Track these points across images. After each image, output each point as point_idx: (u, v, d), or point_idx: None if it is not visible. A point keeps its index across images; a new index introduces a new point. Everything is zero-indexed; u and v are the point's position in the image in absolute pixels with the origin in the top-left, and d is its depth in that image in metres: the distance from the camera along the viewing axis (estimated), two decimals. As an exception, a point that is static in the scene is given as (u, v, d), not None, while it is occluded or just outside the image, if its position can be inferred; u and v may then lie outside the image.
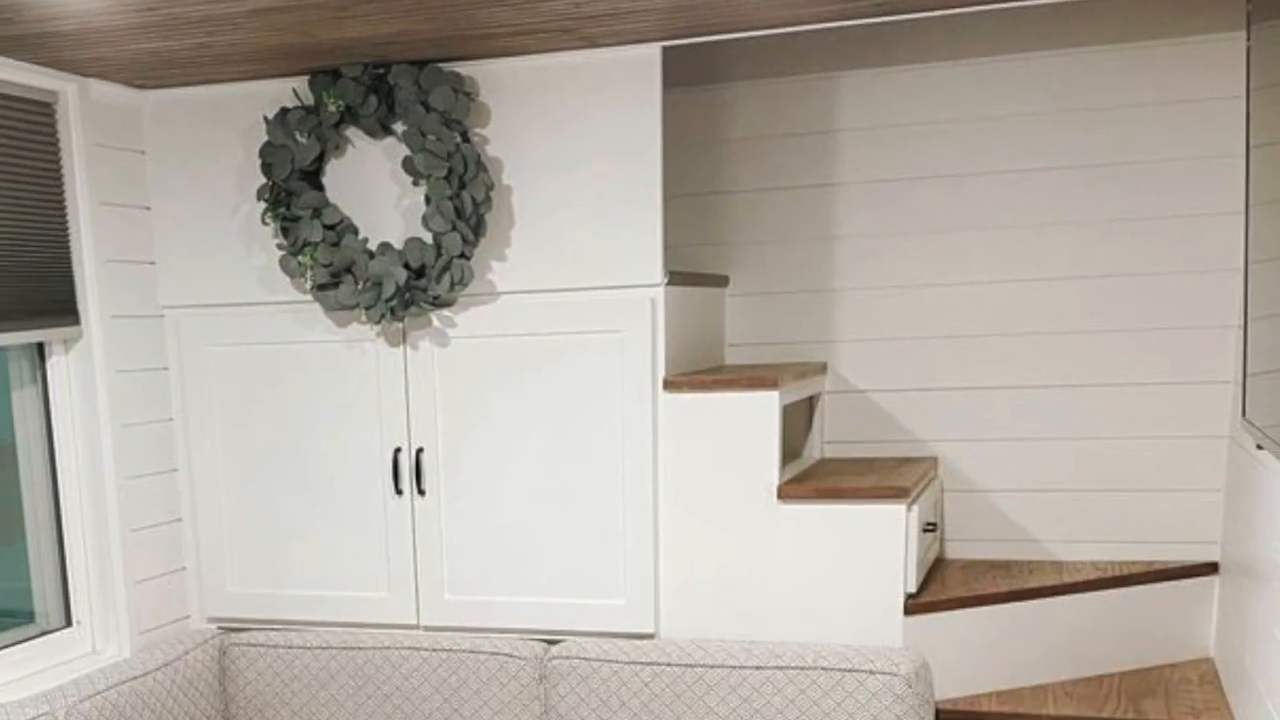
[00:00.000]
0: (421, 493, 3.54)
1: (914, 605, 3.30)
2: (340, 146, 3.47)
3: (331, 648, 3.60)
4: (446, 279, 3.36)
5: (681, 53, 3.33)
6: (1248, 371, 2.84)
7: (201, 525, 3.74)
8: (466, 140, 3.34)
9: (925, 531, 3.43)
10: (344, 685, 3.58)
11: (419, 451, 3.53)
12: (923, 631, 3.30)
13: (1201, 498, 3.58)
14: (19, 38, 2.99)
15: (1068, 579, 3.51)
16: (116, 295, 3.53)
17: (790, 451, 3.69)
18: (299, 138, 3.42)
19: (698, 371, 3.59)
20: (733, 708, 3.24)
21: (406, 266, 3.36)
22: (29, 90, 3.29)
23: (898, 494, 3.25)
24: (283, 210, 3.45)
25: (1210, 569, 3.55)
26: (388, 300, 3.37)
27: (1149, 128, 3.51)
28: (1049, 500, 3.72)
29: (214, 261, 3.64)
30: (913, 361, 3.79)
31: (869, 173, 3.76)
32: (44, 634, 3.48)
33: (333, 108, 3.36)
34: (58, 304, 3.40)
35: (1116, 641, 3.51)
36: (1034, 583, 3.49)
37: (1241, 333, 3.04)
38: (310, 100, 3.43)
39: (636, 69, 3.27)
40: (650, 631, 3.43)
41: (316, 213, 3.42)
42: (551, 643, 3.49)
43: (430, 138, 3.30)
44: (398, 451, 3.54)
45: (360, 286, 3.42)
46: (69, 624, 3.54)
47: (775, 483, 3.32)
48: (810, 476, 3.52)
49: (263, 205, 3.48)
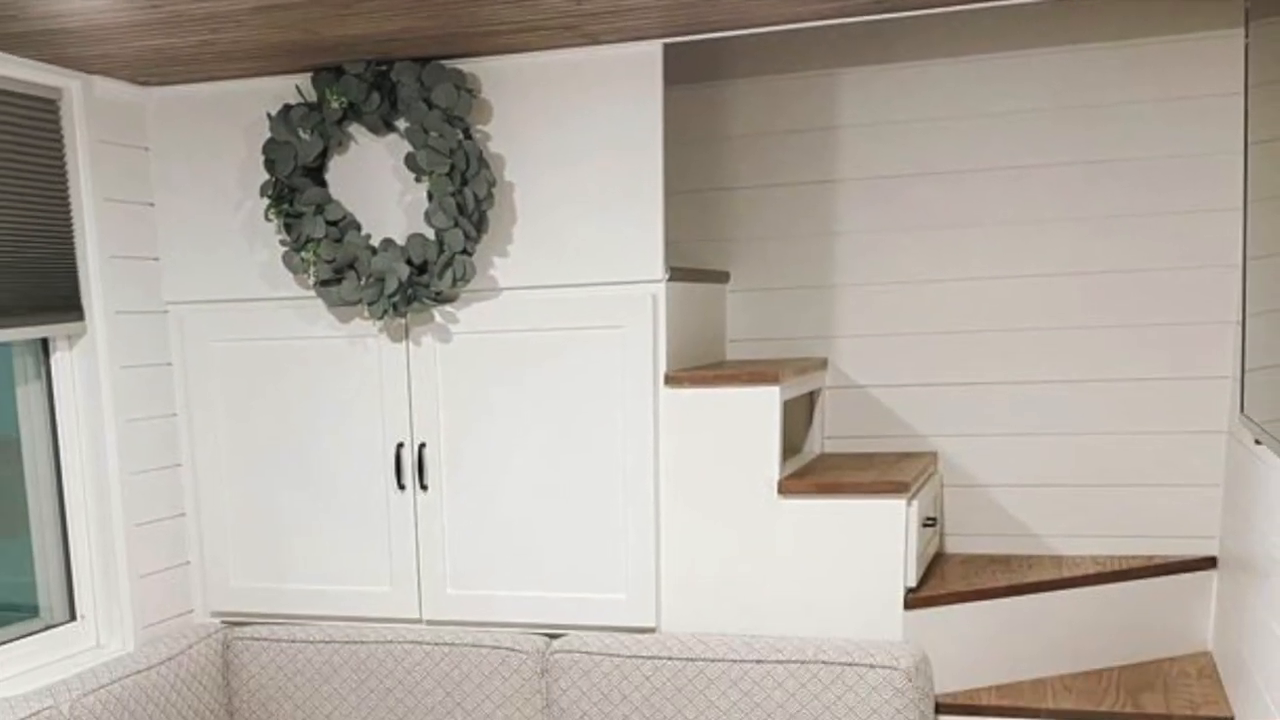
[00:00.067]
0: (424, 488, 3.56)
1: (914, 599, 3.31)
2: (343, 143, 3.48)
3: (334, 642, 3.62)
4: (449, 275, 3.37)
5: (683, 50, 3.34)
6: (1246, 367, 2.84)
7: (205, 520, 3.75)
8: (469, 137, 3.35)
9: (925, 526, 3.43)
10: (347, 679, 3.59)
11: (421, 446, 3.54)
12: (922, 626, 3.31)
13: (1200, 492, 3.59)
14: (24, 35, 3.00)
15: (1067, 573, 3.52)
16: (120, 291, 3.54)
17: (791, 446, 3.70)
18: (302, 134, 3.43)
19: (699, 367, 3.60)
20: (733, 701, 3.25)
21: (409, 262, 3.37)
22: (33, 87, 3.29)
23: (898, 489, 3.26)
24: (286, 206, 3.46)
25: (1209, 563, 3.57)
26: (390, 296, 3.39)
27: (1148, 124, 3.52)
28: (1048, 495, 3.73)
29: (217, 257, 3.65)
30: (913, 357, 3.79)
31: (869, 169, 3.76)
32: (48, 628, 3.49)
33: (335, 104, 3.37)
34: (62, 300, 3.41)
35: (1115, 635, 3.52)
36: (1033, 577, 3.50)
37: (1240, 328, 3.04)
38: (313, 97, 3.43)
39: (638, 66, 3.27)
40: (651, 625, 3.44)
41: (319, 209, 3.43)
42: (553, 637, 3.50)
43: (433, 134, 3.31)
44: (400, 446, 3.55)
45: (363, 282, 3.43)
46: (73, 618, 3.55)
47: (776, 478, 3.33)
48: (811, 471, 3.53)
49: (266, 201, 3.48)
